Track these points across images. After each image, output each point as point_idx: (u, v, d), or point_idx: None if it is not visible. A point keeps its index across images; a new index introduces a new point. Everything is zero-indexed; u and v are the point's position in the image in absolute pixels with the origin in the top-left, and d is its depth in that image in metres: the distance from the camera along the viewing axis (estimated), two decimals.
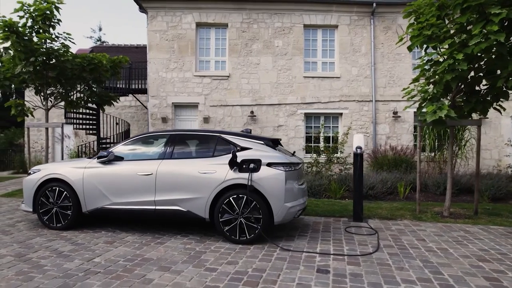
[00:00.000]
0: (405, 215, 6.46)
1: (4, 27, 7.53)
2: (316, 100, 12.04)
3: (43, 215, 5.23)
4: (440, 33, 6.01)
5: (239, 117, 12.11)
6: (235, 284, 3.39)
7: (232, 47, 12.08)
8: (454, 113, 5.79)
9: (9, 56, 7.80)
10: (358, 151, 6.07)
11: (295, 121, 12.08)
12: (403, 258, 4.16)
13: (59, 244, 4.57)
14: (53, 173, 5.23)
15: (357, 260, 4.09)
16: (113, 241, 4.74)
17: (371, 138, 11.98)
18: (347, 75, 12.04)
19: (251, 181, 4.60)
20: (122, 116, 14.80)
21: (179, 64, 12.07)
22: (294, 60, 12.07)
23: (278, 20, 12.10)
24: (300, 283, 3.42)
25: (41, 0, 8.12)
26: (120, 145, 5.35)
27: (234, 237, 4.65)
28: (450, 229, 5.54)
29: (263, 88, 12.10)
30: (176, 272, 3.68)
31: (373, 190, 8.66)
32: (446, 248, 4.54)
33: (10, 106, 8.55)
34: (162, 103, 12.08)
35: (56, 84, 8.34)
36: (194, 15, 12.04)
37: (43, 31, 8.08)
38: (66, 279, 3.46)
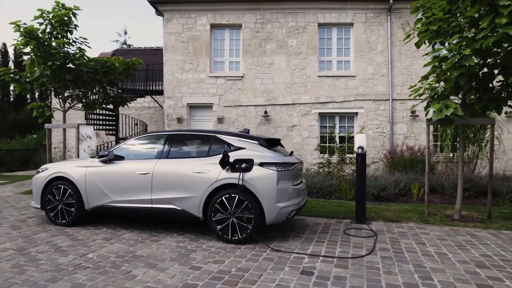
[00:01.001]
0: (412, 218, 6.24)
1: (25, 33, 7.95)
2: (331, 99, 11.85)
3: (50, 212, 5.49)
4: (448, 28, 5.75)
5: (253, 117, 12.14)
6: (214, 283, 3.41)
7: (246, 48, 12.13)
8: (462, 111, 5.53)
9: (29, 61, 8.23)
10: (359, 151, 5.92)
11: (309, 121, 11.95)
12: (395, 262, 4.02)
13: (60, 239, 4.78)
14: (58, 171, 5.47)
15: (346, 262, 3.99)
16: (110, 237, 4.90)
17: (388, 138, 11.64)
18: (362, 73, 11.77)
19: (242, 181, 4.61)
20: (141, 117, 15.23)
21: (194, 65, 12.26)
22: (308, 59, 11.95)
23: (292, 20, 12.02)
24: (279, 284, 3.39)
25: (59, 7, 8.50)
26: (121, 145, 5.52)
27: (226, 236, 4.68)
28: (456, 233, 5.29)
29: (277, 88, 12.06)
30: (161, 269, 3.75)
31: (385, 191, 8.42)
32: (445, 253, 4.34)
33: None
34: (178, 103, 12.32)
35: (73, 86, 8.69)
36: (209, 16, 12.19)
37: (61, 36, 8.46)
38: (56, 273, 3.61)
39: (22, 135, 23.90)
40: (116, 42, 31.27)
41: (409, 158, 10.42)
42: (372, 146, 11.67)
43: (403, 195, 8.68)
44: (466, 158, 9.71)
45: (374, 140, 11.69)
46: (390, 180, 8.79)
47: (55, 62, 7.98)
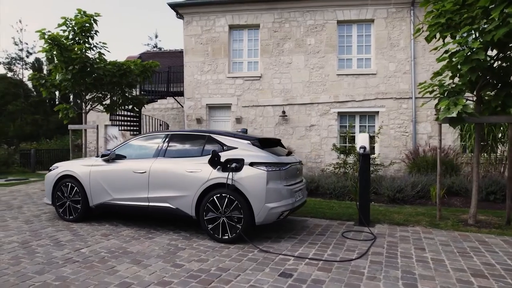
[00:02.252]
0: (421, 222, 5.92)
1: (49, 40, 8.46)
2: (350, 98, 11.54)
3: (59, 208, 5.81)
4: (459, 20, 5.41)
5: (270, 117, 12.10)
6: (189, 281, 3.44)
7: (264, 48, 12.12)
8: (471, 108, 5.17)
9: (53, 66, 8.75)
10: (361, 151, 5.71)
11: (328, 120, 11.71)
12: (384, 267, 3.84)
13: (62, 234, 5.04)
14: (67, 170, 5.78)
15: (331, 266, 3.87)
16: (109, 233, 5.09)
17: (411, 138, 11.13)
18: (384, 71, 11.35)
19: (232, 180, 4.61)
20: (165, 117, 15.67)
21: (213, 67, 12.44)
22: (327, 57, 11.71)
23: (310, 18, 11.84)
24: (253, 285, 3.35)
25: (81, 14, 8.96)
26: (123, 145, 5.73)
27: (217, 235, 4.70)
28: (465, 239, 4.95)
29: (295, 88, 11.93)
30: (144, 265, 3.84)
31: (401, 193, 8.07)
32: (443, 260, 4.08)
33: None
34: (197, 104, 12.55)
35: (93, 89, 9.12)
36: (227, 17, 12.31)
37: (82, 42, 8.91)
38: (46, 265, 3.81)
39: (63, 136, 25.47)
40: (147, 45, 32.37)
41: (432, 159, 9.92)
42: (394, 146, 11.22)
43: (421, 197, 8.28)
44: (494, 159, 9.08)
45: (396, 140, 11.22)
46: (407, 182, 8.41)
47: (75, 67, 8.41)
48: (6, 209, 6.80)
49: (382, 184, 8.54)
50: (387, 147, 11.25)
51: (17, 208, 6.91)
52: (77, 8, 8.89)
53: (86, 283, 3.37)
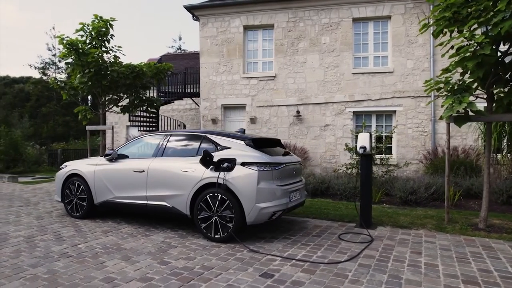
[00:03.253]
0: (427, 225, 5.69)
1: (67, 45, 8.87)
2: (366, 97, 11.26)
3: (67, 205, 6.08)
4: (465, 14, 5.15)
5: (285, 117, 12.04)
6: (170, 278, 3.51)
7: (278, 47, 12.07)
8: (477, 106, 4.91)
9: (71, 70, 9.17)
10: (361, 151, 5.57)
11: (343, 120, 11.49)
12: (371, 271, 3.73)
13: (66, 230, 5.27)
14: (74, 169, 6.04)
15: (317, 268, 3.81)
16: (109, 230, 5.27)
17: (430, 138, 10.70)
18: (401, 69, 10.98)
19: (224, 180, 4.64)
20: (184, 118, 15.98)
21: (228, 67, 12.54)
22: (342, 56, 11.49)
23: (325, 16, 11.67)
24: (231, 284, 3.36)
25: (99, 20, 9.33)
26: (125, 145, 5.91)
27: (210, 234, 4.75)
28: (469, 244, 4.71)
29: (310, 87, 11.80)
30: (132, 262, 3.95)
31: (414, 195, 7.79)
32: (437, 265, 3.91)
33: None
34: (212, 105, 12.70)
35: (109, 91, 9.47)
36: (242, 18, 12.38)
37: (99, 45, 9.28)
38: (42, 259, 4.01)
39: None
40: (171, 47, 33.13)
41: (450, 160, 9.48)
42: (412, 146, 10.83)
43: (435, 200, 7.95)
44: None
45: (414, 140, 10.82)
46: (421, 183, 8.10)
47: (91, 70, 8.77)
48: (23, 205, 7.20)
49: (395, 186, 8.28)
50: (404, 147, 10.88)
51: (34, 204, 7.30)
52: (93, 14, 9.27)
53: (73, 277, 3.51)
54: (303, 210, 6.80)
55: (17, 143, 13.49)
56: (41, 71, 28.16)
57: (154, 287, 3.30)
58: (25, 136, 22.84)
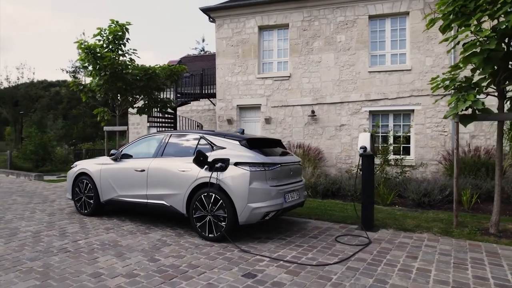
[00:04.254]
0: (433, 228, 5.46)
1: (85, 49, 9.26)
2: (383, 96, 10.94)
3: (77, 203, 6.35)
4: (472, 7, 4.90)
5: (300, 117, 11.94)
6: (154, 275, 3.58)
7: (293, 47, 11.99)
8: (482, 104, 4.66)
9: (88, 73, 9.56)
10: (361, 151, 5.43)
11: (359, 120, 11.23)
12: (358, 274, 3.63)
13: (72, 226, 5.51)
14: (83, 168, 6.30)
15: (303, 269, 3.76)
16: (112, 228, 5.46)
17: (450, 138, 10.23)
18: (419, 66, 10.59)
19: (217, 180, 4.68)
20: (202, 119, 16.22)
21: (243, 68, 12.61)
22: (358, 54, 11.24)
23: (340, 14, 11.47)
24: (211, 283, 3.39)
25: (116, 24, 9.68)
26: (129, 145, 6.09)
27: (204, 233, 4.80)
28: (472, 249, 4.47)
29: (325, 87, 11.63)
30: (124, 258, 4.07)
31: (427, 197, 7.51)
32: (430, 270, 3.74)
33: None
34: (228, 105, 12.81)
35: (124, 93, 9.79)
36: (257, 19, 12.40)
37: (115, 49, 9.61)
38: (41, 253, 4.22)
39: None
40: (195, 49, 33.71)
41: (471, 161, 9.06)
42: (431, 147, 10.41)
43: (450, 202, 7.60)
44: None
45: (433, 140, 10.40)
46: (435, 185, 7.79)
47: (106, 73, 9.10)
48: (41, 202, 7.60)
49: (408, 187, 8.01)
50: (423, 147, 10.48)
51: (50, 201, 7.68)
52: (110, 19, 9.61)
53: (64, 271, 3.67)
54: (307, 211, 6.73)
55: (45, 143, 14.24)
56: (72, 74, 29.57)
57: (136, 283, 3.39)
58: (57, 137, 24.07)
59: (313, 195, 8.72)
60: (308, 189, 8.80)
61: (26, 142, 14.55)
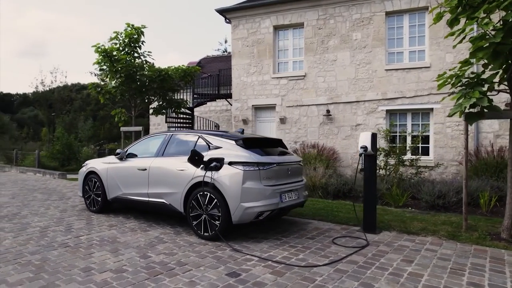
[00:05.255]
0: (440, 231, 5.22)
1: (102, 52, 9.61)
2: (400, 95, 10.59)
3: (86, 200, 6.60)
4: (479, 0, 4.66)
5: (315, 117, 11.79)
6: (141, 270, 3.66)
7: (308, 46, 11.86)
8: (487, 101, 4.41)
9: (104, 75, 9.92)
10: (361, 151, 5.28)
11: (375, 119, 10.93)
12: (345, 277, 3.54)
13: (78, 222, 5.73)
14: (91, 167, 6.54)
15: (289, 270, 3.70)
16: (115, 225, 5.62)
17: (472, 137, 9.74)
18: (439, 63, 10.16)
19: (212, 179, 4.71)
20: (220, 119, 16.37)
21: (258, 68, 12.61)
22: (375, 52, 10.95)
23: (356, 12, 11.22)
24: (193, 281, 3.42)
25: (131, 28, 9.99)
26: (134, 144, 6.26)
27: (200, 232, 4.85)
28: (476, 255, 4.24)
29: (340, 86, 11.42)
30: (117, 254, 4.18)
31: (441, 199, 7.19)
32: (422, 275, 3.58)
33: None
34: (243, 105, 12.86)
35: (139, 94, 10.07)
36: (272, 19, 12.38)
37: (130, 51, 9.91)
38: (43, 248, 4.42)
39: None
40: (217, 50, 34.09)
41: (493, 162, 8.58)
42: (451, 147, 9.96)
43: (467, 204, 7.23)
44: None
45: (454, 140, 9.94)
46: (451, 186, 7.44)
47: (121, 75, 9.40)
48: (57, 199, 7.96)
49: (422, 189, 7.70)
50: (442, 147, 10.05)
51: (66, 199, 8.03)
52: (126, 22, 9.93)
53: (58, 265, 3.82)
54: (312, 211, 6.64)
55: (71, 143, 14.90)
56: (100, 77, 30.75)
57: (122, 278, 3.48)
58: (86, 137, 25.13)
59: (323, 195, 8.58)
60: (319, 189, 8.68)
61: (54, 142, 15.29)
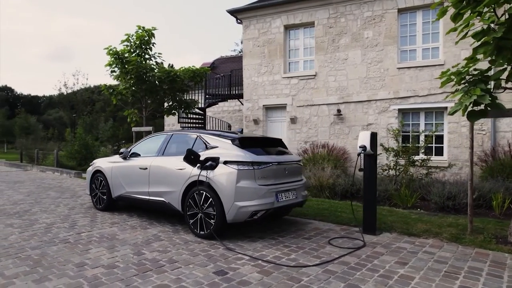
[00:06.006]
0: (443, 234, 5.06)
1: (114, 55, 9.86)
2: (413, 93, 10.33)
3: (93, 198, 6.78)
4: None
5: (325, 117, 11.66)
6: (131, 267, 3.73)
7: (319, 45, 11.75)
8: (489, 99, 4.24)
9: (116, 76, 10.17)
10: (360, 150, 5.18)
11: (387, 118, 10.70)
12: (332, 278, 3.48)
13: (83, 220, 5.90)
14: (98, 166, 6.71)
15: (277, 270, 3.68)
16: (118, 222, 5.76)
17: (489, 137, 9.39)
18: (454, 60, 9.81)
19: (207, 178, 4.75)
20: (233, 119, 16.45)
21: (269, 68, 12.61)
22: (386, 50, 10.73)
23: (367, 9, 11.02)
24: (179, 278, 3.45)
25: (142, 30, 10.20)
26: (137, 144, 6.38)
27: (196, 230, 4.90)
28: (476, 258, 4.08)
29: (351, 85, 11.25)
30: (113, 251, 4.28)
31: (451, 200, 6.97)
32: (413, 278, 3.48)
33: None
34: (254, 106, 12.88)
35: (150, 95, 10.27)
36: (282, 18, 12.34)
37: (141, 53, 10.12)
38: (44, 243, 4.57)
39: None
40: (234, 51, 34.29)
41: (510, 162, 8.24)
42: (466, 147, 9.59)
43: (479, 207, 7.02)
44: None
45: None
46: (462, 187, 7.19)
47: (132, 76, 9.61)
48: (69, 197, 8.22)
49: (431, 190, 7.48)
50: (457, 147, 9.72)
51: (77, 197, 8.28)
52: (137, 25, 10.14)
53: (55, 260, 3.95)
54: (315, 211, 6.58)
55: (88, 143, 15.36)
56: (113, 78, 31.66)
57: (112, 273, 3.56)
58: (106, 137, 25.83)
59: (331, 196, 8.48)
60: (326, 190, 8.58)
61: (73, 142, 15.80)
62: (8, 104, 55.71)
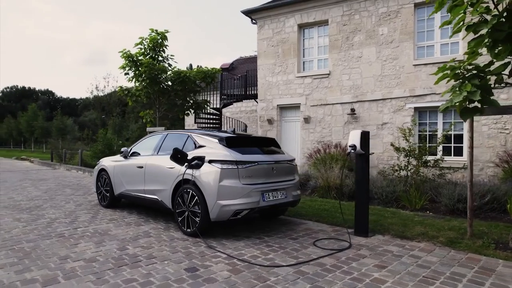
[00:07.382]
0: (440, 237, 4.81)
1: (127, 57, 10.22)
2: (430, 91, 9.89)
3: (98, 195, 7.07)
4: None
5: (339, 116, 11.43)
6: (109, 261, 3.86)
7: (333, 43, 11.54)
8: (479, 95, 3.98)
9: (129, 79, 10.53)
10: (350, 149, 5.04)
11: (403, 117, 10.31)
12: (301, 279, 3.42)
13: (85, 216, 6.15)
14: (102, 164, 6.99)
15: (248, 269, 3.67)
16: (116, 219, 5.96)
17: None
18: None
19: (193, 177, 4.81)
20: (250, 119, 16.49)
21: (283, 68, 12.54)
22: (402, 47, 10.34)
23: (382, 5, 10.68)
24: (150, 273, 3.53)
25: (155, 33, 10.50)
26: (137, 143, 6.58)
27: (183, 228, 4.98)
28: (465, 264, 3.85)
29: (366, 83, 10.95)
30: (100, 245, 4.44)
31: (462, 203, 6.60)
32: (385, 282, 3.34)
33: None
34: (269, 105, 12.86)
35: (162, 96, 10.54)
36: (296, 17, 12.24)
37: (154, 55, 10.42)
38: (40, 237, 4.82)
39: None
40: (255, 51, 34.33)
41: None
42: (487, 146, 9.07)
43: (492, 210, 6.58)
44: None
45: (490, 139, 9.05)
46: (476, 190, 6.78)
47: (144, 78, 9.92)
48: (81, 194, 8.61)
49: (442, 192, 7.13)
50: (477, 147, 9.18)
51: (88, 194, 8.66)
52: (150, 28, 10.45)
53: (44, 252, 4.16)
54: (314, 211, 6.48)
55: (111, 143, 16.00)
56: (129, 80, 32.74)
57: (89, 267, 3.70)
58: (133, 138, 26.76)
59: (338, 196, 8.30)
60: (333, 190, 8.42)
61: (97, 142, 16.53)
62: (49, 107, 59.28)
